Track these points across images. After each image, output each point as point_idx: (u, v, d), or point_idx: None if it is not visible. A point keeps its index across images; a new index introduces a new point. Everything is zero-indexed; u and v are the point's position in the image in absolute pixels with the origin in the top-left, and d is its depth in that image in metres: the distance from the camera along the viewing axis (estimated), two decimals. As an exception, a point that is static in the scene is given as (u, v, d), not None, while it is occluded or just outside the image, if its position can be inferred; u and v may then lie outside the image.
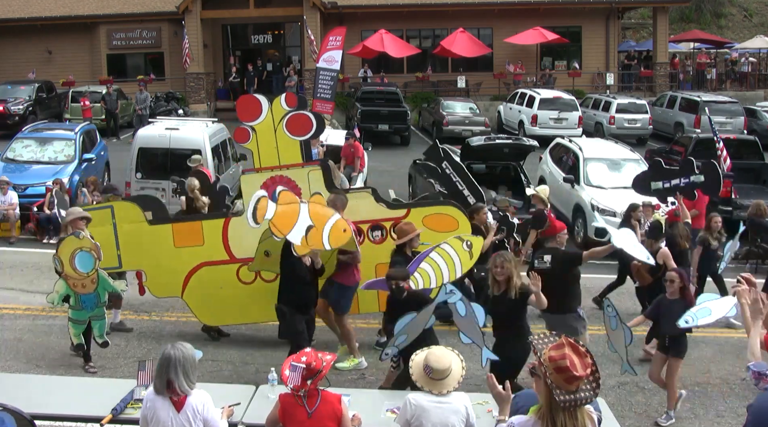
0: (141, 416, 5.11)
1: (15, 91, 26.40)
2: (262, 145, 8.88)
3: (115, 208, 8.99)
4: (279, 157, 8.87)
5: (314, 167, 9.00)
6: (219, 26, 32.76)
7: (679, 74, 34.42)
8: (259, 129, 8.85)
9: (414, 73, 31.89)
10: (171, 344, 5.00)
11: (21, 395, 6.13)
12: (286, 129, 8.79)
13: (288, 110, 8.77)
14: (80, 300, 8.11)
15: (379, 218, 8.89)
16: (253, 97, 9.04)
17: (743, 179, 15.74)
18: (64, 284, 8.08)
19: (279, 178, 8.84)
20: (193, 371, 4.90)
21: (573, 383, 3.62)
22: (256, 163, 8.94)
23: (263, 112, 8.79)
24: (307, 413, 5.05)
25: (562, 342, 3.71)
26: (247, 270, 8.92)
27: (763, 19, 43.81)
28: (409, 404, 5.12)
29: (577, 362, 3.63)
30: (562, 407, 3.65)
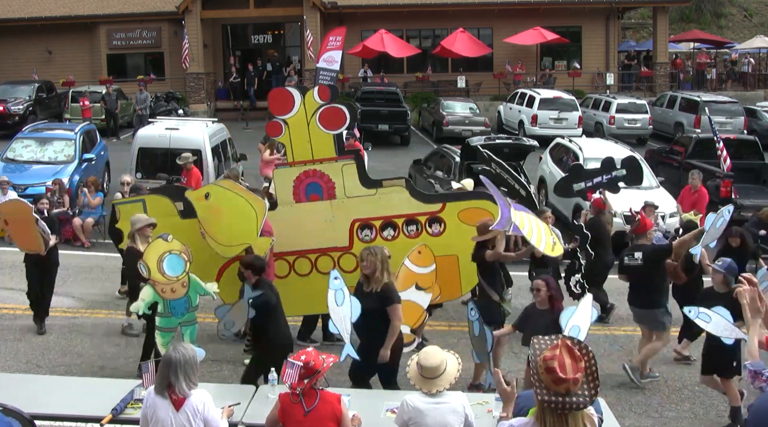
0: (141, 415, 5.12)
1: (15, 91, 26.40)
2: (294, 139, 8.74)
3: (147, 202, 8.84)
4: (312, 151, 8.74)
5: (348, 161, 8.86)
6: (219, 26, 32.76)
7: (679, 74, 34.42)
8: (291, 122, 8.71)
9: (414, 73, 31.89)
10: (173, 346, 5.02)
11: (21, 395, 6.13)
12: (319, 122, 8.66)
13: (321, 103, 8.63)
14: (169, 306, 7.60)
15: (414, 213, 8.78)
16: (286, 90, 8.88)
17: (743, 179, 15.73)
18: (151, 290, 7.53)
19: (312, 172, 8.74)
20: (193, 373, 4.92)
21: (560, 385, 3.60)
22: (289, 157, 8.82)
23: (296, 105, 8.64)
24: (304, 412, 5.06)
25: (558, 344, 3.70)
26: (280, 265, 8.83)
27: (763, 19, 43.81)
28: (405, 405, 5.12)
29: (568, 365, 3.61)
30: (547, 407, 3.64)
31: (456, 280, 8.69)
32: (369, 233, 8.83)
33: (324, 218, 8.80)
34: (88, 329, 9.86)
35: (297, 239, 8.77)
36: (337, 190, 8.74)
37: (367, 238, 8.81)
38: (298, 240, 8.78)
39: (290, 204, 8.80)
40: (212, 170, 14.41)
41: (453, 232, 8.64)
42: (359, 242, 8.73)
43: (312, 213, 8.76)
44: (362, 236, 8.80)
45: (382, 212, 8.75)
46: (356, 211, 8.75)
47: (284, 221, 8.72)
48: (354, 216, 8.77)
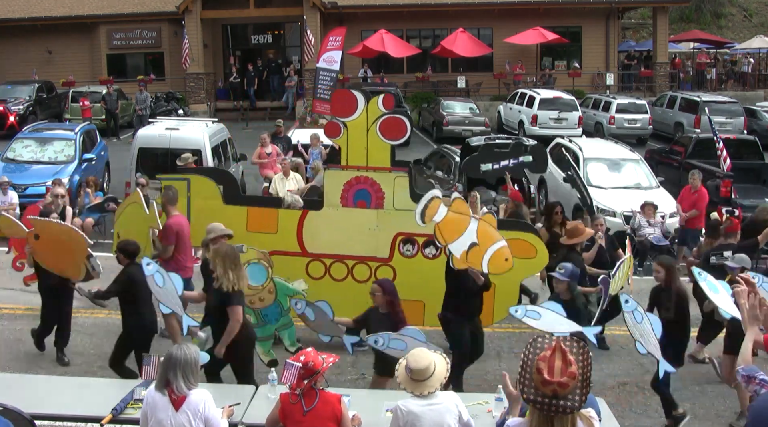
0: (141, 413, 5.13)
1: (15, 91, 26.41)
2: (351, 143, 8.66)
3: (191, 182, 8.80)
4: (367, 158, 8.67)
5: (402, 174, 8.77)
6: (219, 26, 32.76)
7: (679, 74, 34.43)
8: (351, 126, 8.62)
9: (414, 73, 31.89)
10: (177, 345, 5.02)
11: (21, 395, 6.13)
12: (379, 131, 8.58)
13: (384, 112, 8.56)
14: (261, 315, 7.52)
15: None
16: (351, 92, 8.78)
17: (743, 179, 15.72)
18: None
19: (364, 178, 8.69)
20: (193, 373, 4.92)
21: (546, 387, 3.59)
22: (343, 159, 8.75)
23: (359, 109, 8.55)
24: (303, 412, 5.06)
25: (554, 346, 3.68)
26: (316, 266, 8.75)
27: (763, 19, 43.81)
28: (399, 411, 5.08)
29: (557, 368, 3.58)
30: (534, 407, 3.64)
31: (490, 307, 8.60)
32: (411, 248, 8.78)
33: (368, 226, 8.74)
34: (89, 329, 9.85)
35: (337, 242, 8.70)
36: (385, 201, 8.67)
37: (408, 252, 8.78)
38: (337, 244, 8.72)
39: (336, 207, 8.73)
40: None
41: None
42: (399, 256, 8.70)
43: (356, 219, 8.70)
44: (403, 250, 8.75)
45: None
46: (401, 225, 8.66)
47: (327, 223, 8.68)
48: (398, 229, 8.69)
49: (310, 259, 8.81)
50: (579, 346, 3.72)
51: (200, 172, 9.28)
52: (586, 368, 3.64)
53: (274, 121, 18.66)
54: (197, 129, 15.33)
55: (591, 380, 3.67)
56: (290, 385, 5.12)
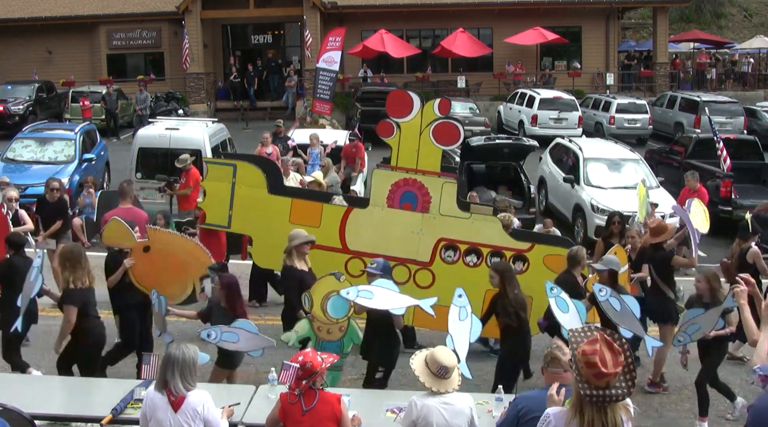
0: (141, 414, 5.13)
1: (15, 91, 26.41)
2: (403, 144, 8.66)
3: (238, 168, 8.74)
4: (417, 161, 8.64)
5: (450, 180, 8.78)
6: (219, 26, 32.75)
7: (679, 74, 34.42)
8: (404, 127, 8.63)
9: (414, 73, 31.87)
10: (176, 344, 5.02)
11: (21, 395, 6.13)
12: (432, 135, 8.56)
13: (438, 116, 8.54)
14: (320, 346, 7.23)
15: (502, 246, 8.68)
16: (407, 93, 8.78)
17: (743, 179, 15.73)
18: (308, 325, 7.24)
19: (412, 181, 8.66)
20: (190, 374, 4.92)
21: (602, 379, 3.63)
22: (393, 160, 8.76)
23: (413, 111, 8.56)
24: (303, 412, 5.06)
25: (597, 338, 3.71)
26: (355, 263, 8.67)
27: (763, 19, 43.80)
28: (414, 405, 5.10)
29: (609, 359, 3.64)
30: (588, 401, 3.66)
31: None
32: (452, 255, 8.74)
33: (412, 228, 8.70)
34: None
35: (379, 242, 8.63)
36: (431, 205, 8.64)
37: (449, 258, 8.74)
38: (379, 243, 8.64)
39: (381, 206, 8.71)
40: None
41: (534, 273, 8.49)
42: (440, 261, 8.66)
43: (401, 221, 8.65)
44: (444, 256, 8.70)
45: (470, 237, 8.62)
46: (445, 231, 8.63)
47: (371, 222, 8.65)
48: (442, 234, 8.65)
49: (350, 256, 8.73)
50: (617, 334, 3.78)
51: (247, 160, 9.17)
52: (628, 355, 3.72)
53: (274, 121, 18.66)
54: (197, 129, 15.32)
55: (635, 366, 3.73)
56: (289, 385, 5.12)
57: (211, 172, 8.85)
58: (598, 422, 3.68)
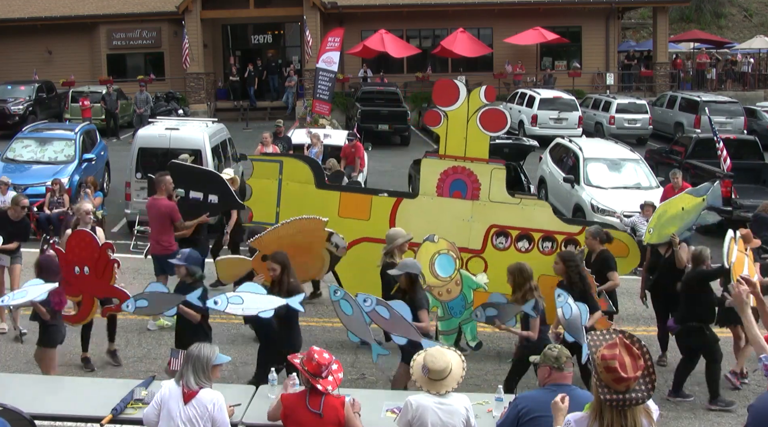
0: (157, 398, 5.21)
1: (15, 91, 26.41)
2: (451, 133, 8.67)
3: (284, 164, 8.76)
4: (466, 149, 8.66)
5: (499, 166, 8.80)
6: (219, 26, 32.76)
7: (679, 74, 34.42)
8: (451, 116, 8.63)
9: (414, 73, 31.88)
10: (199, 343, 5.23)
11: (21, 395, 6.13)
12: (479, 122, 8.59)
13: (485, 103, 8.57)
14: (447, 308, 7.42)
15: (553, 230, 8.73)
16: (453, 82, 8.82)
17: (743, 179, 15.73)
18: (430, 296, 7.29)
19: (461, 169, 8.68)
20: (203, 371, 5.04)
21: (621, 384, 3.63)
22: (441, 148, 8.77)
23: (460, 99, 8.56)
24: (310, 414, 5.06)
25: (616, 342, 3.71)
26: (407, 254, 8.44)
27: (763, 19, 43.79)
28: (410, 405, 5.11)
29: (628, 364, 3.63)
30: (609, 406, 3.66)
31: None
32: (503, 241, 8.77)
33: (462, 216, 8.73)
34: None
35: (430, 231, 8.50)
36: (481, 192, 8.66)
37: (500, 245, 8.77)
38: (430, 233, 8.48)
39: (431, 196, 8.73)
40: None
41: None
42: (492, 248, 8.67)
43: (451, 209, 8.68)
44: (496, 243, 8.72)
45: (521, 223, 8.65)
46: (496, 217, 8.66)
47: (421, 211, 8.66)
48: (493, 221, 8.68)
49: None
50: (637, 339, 3.78)
51: (293, 157, 9.29)
52: (647, 358, 3.73)
53: (274, 121, 18.66)
54: (197, 129, 15.31)
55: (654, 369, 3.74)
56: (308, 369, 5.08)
57: (257, 170, 8.81)
58: (618, 426, 3.68)
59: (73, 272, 7.37)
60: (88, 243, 7.42)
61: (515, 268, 7.31)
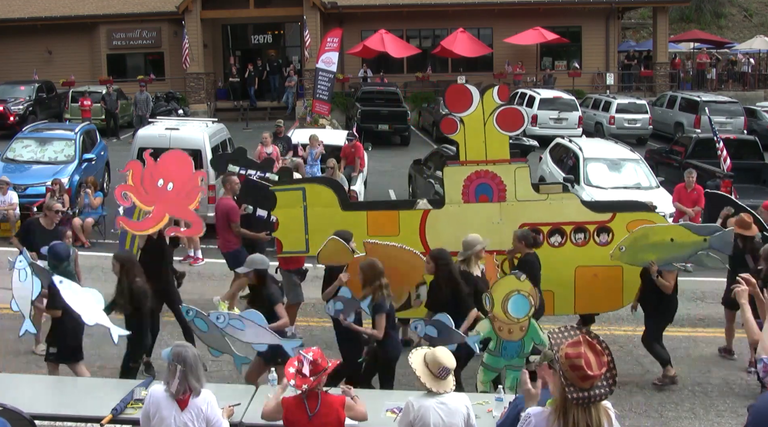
0: (143, 412, 5.12)
1: (15, 91, 26.41)
2: (469, 138, 8.62)
3: (307, 191, 8.70)
4: (486, 152, 8.62)
5: (521, 165, 8.75)
6: (219, 26, 32.77)
7: (679, 74, 34.42)
8: (467, 121, 8.59)
9: (414, 73, 31.90)
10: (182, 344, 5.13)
11: (21, 395, 6.13)
12: (496, 123, 8.54)
13: (499, 104, 8.53)
14: (501, 346, 7.21)
15: (584, 221, 8.68)
16: (465, 87, 8.75)
17: (743, 179, 15.72)
18: (489, 325, 7.17)
19: (484, 172, 8.63)
20: (194, 373, 4.94)
21: (587, 381, 3.63)
22: (461, 155, 8.69)
23: (474, 103, 8.54)
24: (307, 416, 5.06)
25: (580, 340, 3.70)
26: None
27: (763, 19, 43.80)
28: (411, 406, 5.11)
29: (593, 361, 3.63)
30: (575, 404, 3.66)
31: (618, 291, 8.67)
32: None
33: (491, 219, 8.67)
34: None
35: (461, 238, 8.46)
36: (507, 193, 8.63)
37: None
38: (461, 240, 8.46)
39: (458, 203, 8.67)
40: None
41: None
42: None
43: (479, 214, 8.61)
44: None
45: (551, 218, 8.60)
46: (525, 216, 8.60)
47: (450, 220, 8.62)
48: (522, 220, 8.61)
49: None
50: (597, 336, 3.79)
51: (313, 181, 9.22)
52: (607, 352, 3.75)
53: (274, 121, 18.66)
54: (197, 129, 15.31)
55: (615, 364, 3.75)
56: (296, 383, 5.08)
57: (280, 200, 8.70)
58: (583, 423, 3.69)
59: (156, 183, 7.76)
60: (182, 163, 7.89)
61: (366, 264, 7.33)
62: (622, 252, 8.28)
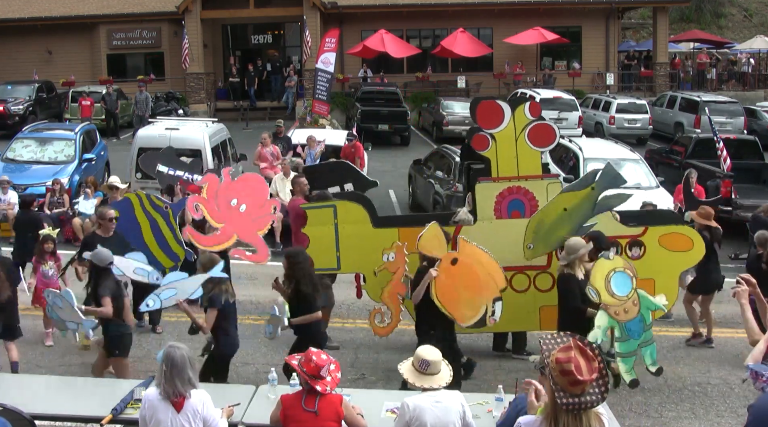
0: (140, 417, 5.11)
1: (15, 91, 26.41)
2: (501, 154, 8.54)
3: (338, 208, 8.68)
4: (518, 168, 8.56)
5: (553, 180, 8.71)
6: (219, 26, 32.76)
7: (679, 74, 34.42)
8: (499, 137, 8.50)
9: (414, 73, 31.88)
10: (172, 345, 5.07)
11: (21, 395, 6.14)
12: (527, 139, 8.48)
13: (531, 120, 8.47)
14: (625, 329, 7.13)
15: (616, 235, 8.61)
16: (496, 103, 8.62)
17: (743, 179, 15.72)
18: (606, 315, 7.08)
19: (516, 189, 8.58)
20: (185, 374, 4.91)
21: (577, 387, 3.60)
22: (493, 172, 8.62)
23: (505, 119, 8.45)
24: (307, 413, 5.07)
25: (571, 345, 3.68)
26: None
27: (763, 19, 43.81)
28: (407, 407, 5.12)
29: (584, 366, 3.61)
30: (565, 409, 3.64)
31: None
32: None
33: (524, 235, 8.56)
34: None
35: (494, 254, 8.37)
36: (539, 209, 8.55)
37: None
38: (518, 256, 8.48)
39: (490, 220, 8.61)
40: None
41: (652, 256, 8.44)
42: (557, 262, 8.44)
43: (512, 230, 8.50)
44: (561, 256, 8.46)
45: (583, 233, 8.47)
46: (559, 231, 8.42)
47: (482, 236, 8.49)
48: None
49: None
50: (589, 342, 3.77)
51: (345, 198, 9.12)
52: (600, 359, 3.72)
53: (274, 121, 18.66)
54: (197, 129, 15.33)
55: (607, 372, 3.72)
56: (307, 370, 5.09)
57: (311, 218, 8.67)
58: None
59: (229, 201, 7.74)
60: (259, 188, 7.86)
61: (205, 257, 7.50)
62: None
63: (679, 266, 8.54)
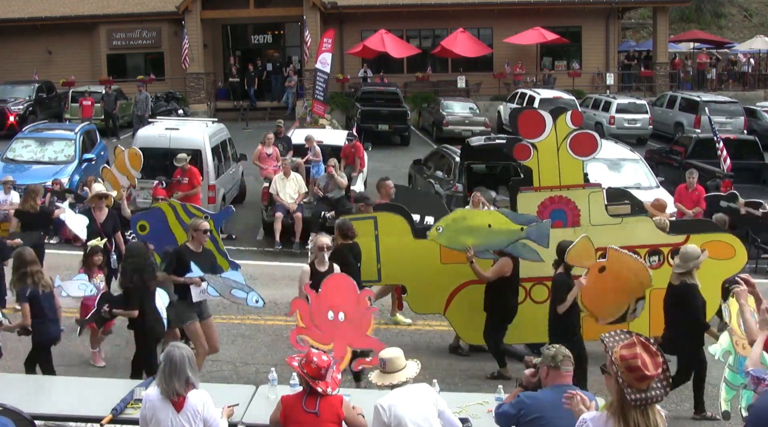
0: (140, 416, 5.12)
1: (15, 91, 26.41)
2: (542, 164, 8.54)
3: (378, 220, 8.66)
4: (560, 177, 8.57)
5: (596, 189, 8.74)
6: (219, 26, 32.75)
7: (679, 74, 34.42)
8: (541, 147, 8.50)
9: (414, 73, 31.87)
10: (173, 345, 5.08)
11: (21, 395, 6.14)
12: (569, 148, 8.52)
13: (573, 129, 8.50)
14: (738, 361, 6.76)
15: (658, 243, 8.65)
16: (537, 113, 8.65)
17: (743, 179, 15.73)
18: (729, 338, 6.92)
19: (558, 198, 8.58)
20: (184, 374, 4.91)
21: (644, 382, 3.64)
22: (535, 181, 8.61)
23: (547, 128, 8.45)
24: (307, 414, 5.07)
25: (634, 341, 3.71)
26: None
27: (763, 19, 43.80)
28: (381, 409, 5.14)
29: (649, 362, 3.65)
30: (634, 405, 3.66)
31: None
32: None
33: None
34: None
35: (536, 265, 8.44)
36: (581, 218, 8.58)
37: None
38: (535, 266, 8.46)
39: None
40: (212, 170, 14.39)
41: None
42: None
43: (554, 239, 8.38)
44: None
45: (626, 242, 8.47)
46: (600, 240, 8.39)
47: None
48: (597, 245, 8.39)
49: None
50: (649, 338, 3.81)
51: (385, 209, 9.09)
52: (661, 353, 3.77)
53: (274, 121, 18.66)
54: (197, 129, 15.32)
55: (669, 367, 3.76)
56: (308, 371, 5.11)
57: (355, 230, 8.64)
58: (643, 425, 3.70)
59: (326, 317, 6.87)
60: (345, 286, 7.01)
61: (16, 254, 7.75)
62: (440, 233, 8.25)
63: (721, 273, 8.44)
